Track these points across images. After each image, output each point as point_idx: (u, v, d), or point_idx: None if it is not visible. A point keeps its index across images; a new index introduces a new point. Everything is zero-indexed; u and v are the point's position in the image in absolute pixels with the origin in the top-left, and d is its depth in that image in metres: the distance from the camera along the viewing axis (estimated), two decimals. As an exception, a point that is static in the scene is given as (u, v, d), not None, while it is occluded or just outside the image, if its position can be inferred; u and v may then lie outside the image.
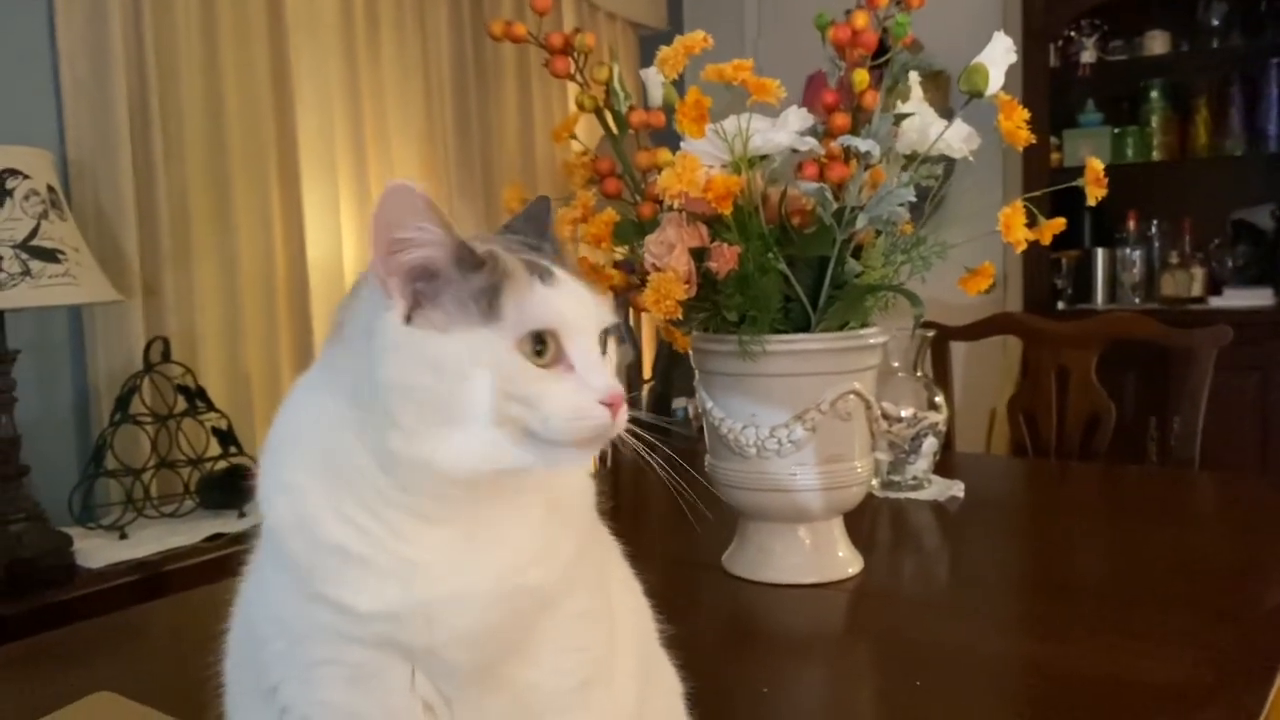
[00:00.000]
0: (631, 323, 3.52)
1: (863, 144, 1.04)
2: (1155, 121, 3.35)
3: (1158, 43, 3.29)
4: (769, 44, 4.07)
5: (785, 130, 1.08)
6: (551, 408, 0.54)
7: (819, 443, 1.17)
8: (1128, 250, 3.42)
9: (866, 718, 0.92)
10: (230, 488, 2.27)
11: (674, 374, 3.45)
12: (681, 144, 1.09)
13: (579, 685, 0.59)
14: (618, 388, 0.56)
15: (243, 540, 2.10)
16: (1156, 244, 3.44)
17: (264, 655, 0.58)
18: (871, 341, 1.18)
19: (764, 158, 1.10)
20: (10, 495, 1.94)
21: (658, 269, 1.10)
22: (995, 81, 1.07)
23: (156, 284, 2.40)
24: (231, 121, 2.57)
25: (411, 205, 0.54)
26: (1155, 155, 3.36)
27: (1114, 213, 3.43)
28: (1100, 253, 3.44)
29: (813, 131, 1.12)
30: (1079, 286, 3.49)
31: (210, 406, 2.30)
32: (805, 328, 1.16)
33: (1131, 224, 3.44)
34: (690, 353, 1.24)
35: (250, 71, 2.63)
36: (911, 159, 1.19)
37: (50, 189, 1.93)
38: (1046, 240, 1.21)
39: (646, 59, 4.08)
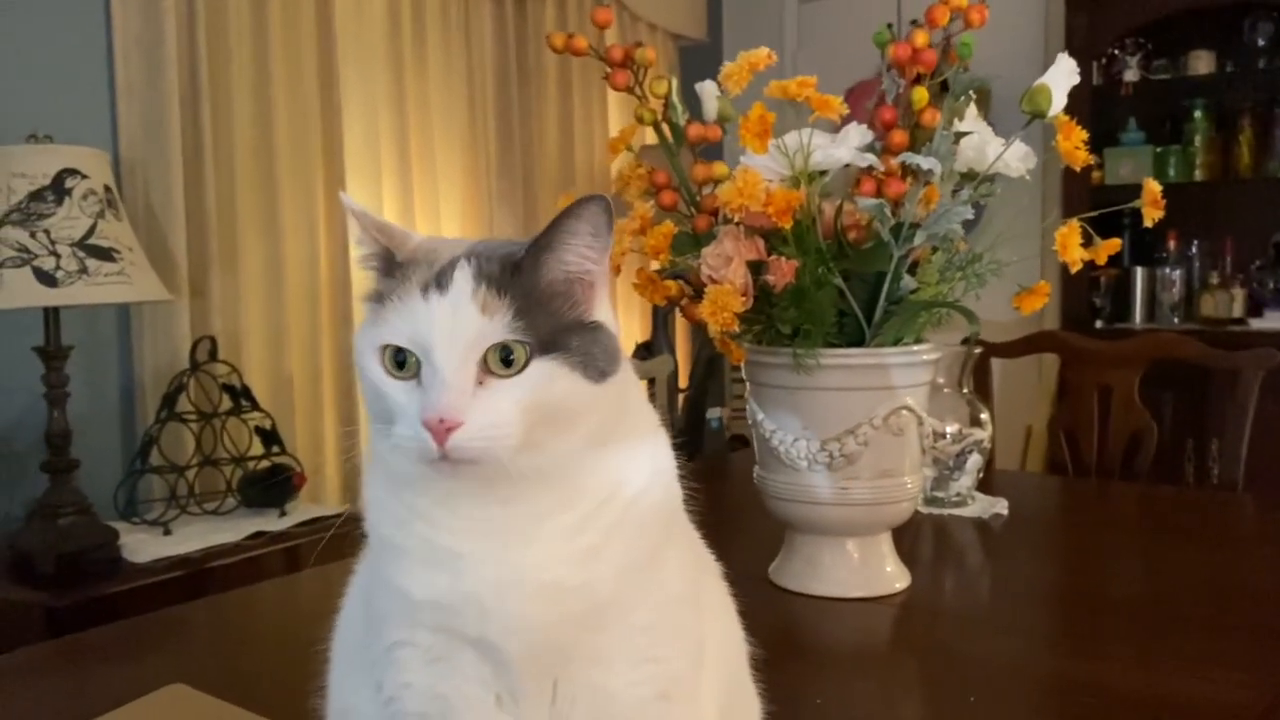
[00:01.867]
0: (669, 334, 3.54)
1: (925, 161, 1.05)
2: (1198, 141, 3.34)
3: (1202, 62, 3.27)
4: (807, 57, 4.08)
5: (845, 146, 1.09)
6: (394, 419, 0.57)
7: (870, 457, 1.17)
8: (1167, 270, 3.41)
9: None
10: (272, 487, 2.30)
11: (709, 384, 3.46)
12: (741, 158, 1.10)
13: (655, 697, 0.60)
14: (447, 411, 0.54)
15: (284, 539, 2.12)
16: (1197, 264, 3.42)
17: (366, 636, 0.63)
18: (925, 358, 1.19)
19: (823, 173, 1.11)
20: (60, 489, 1.98)
21: (714, 281, 1.11)
22: (1058, 103, 1.08)
23: (202, 284, 2.44)
24: (280, 126, 2.61)
25: (359, 218, 0.60)
26: (1197, 175, 3.35)
27: (1154, 232, 3.41)
28: (1140, 272, 3.42)
29: (870, 148, 1.13)
30: (1117, 305, 3.47)
31: (255, 406, 2.33)
32: (859, 342, 1.17)
33: (1172, 243, 3.42)
34: (742, 365, 1.25)
35: (299, 78, 2.67)
36: (967, 177, 1.20)
37: (107, 189, 1.97)
38: (1102, 260, 1.21)
39: (686, 70, 4.11)
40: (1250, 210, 3.39)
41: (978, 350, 1.62)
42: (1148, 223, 1.19)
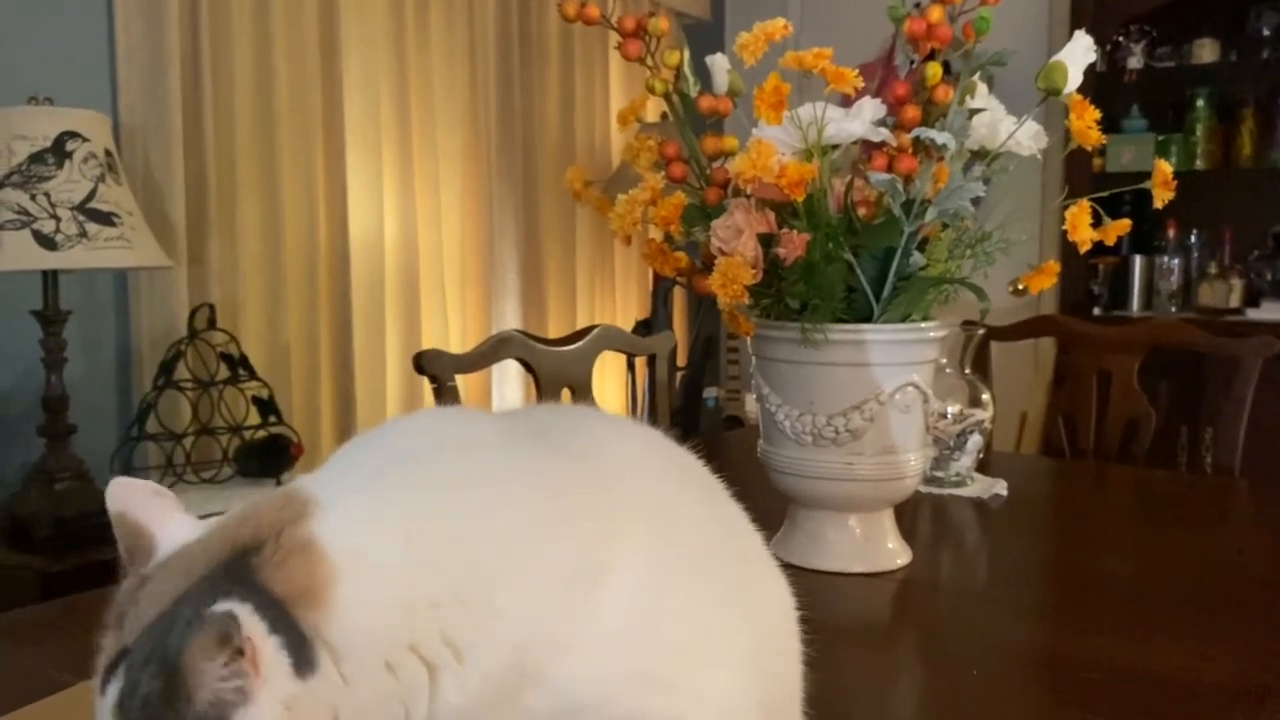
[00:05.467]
0: (669, 313, 3.53)
1: (940, 136, 1.04)
2: (1200, 130, 3.33)
3: (1206, 51, 3.27)
4: (810, 35, 4.06)
5: (859, 120, 1.08)
6: None
7: (875, 433, 1.18)
8: (1166, 258, 3.41)
9: (922, 705, 0.93)
10: (269, 457, 2.29)
11: (706, 364, 3.46)
12: (753, 130, 1.10)
13: None
14: None
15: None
16: (1195, 253, 3.43)
17: None
18: (932, 335, 1.19)
19: (835, 147, 1.11)
20: (57, 454, 1.97)
21: (724, 253, 1.11)
22: (1074, 80, 1.07)
23: (201, 252, 2.43)
24: (280, 97, 2.59)
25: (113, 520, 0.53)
26: (1198, 164, 3.35)
27: (1153, 220, 3.42)
28: (1138, 260, 3.43)
29: (882, 123, 1.13)
30: (1115, 293, 3.48)
31: (253, 375, 2.32)
32: (866, 319, 1.17)
33: (1171, 232, 3.42)
34: (749, 339, 1.25)
35: (300, 47, 2.65)
36: (978, 155, 1.20)
37: (108, 153, 1.95)
38: (1111, 241, 1.21)
39: (690, 49, 4.06)
40: (1250, 200, 3.39)
41: (981, 331, 1.62)
42: (1158, 204, 1.19)
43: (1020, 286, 3.67)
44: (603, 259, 3.67)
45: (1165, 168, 1.19)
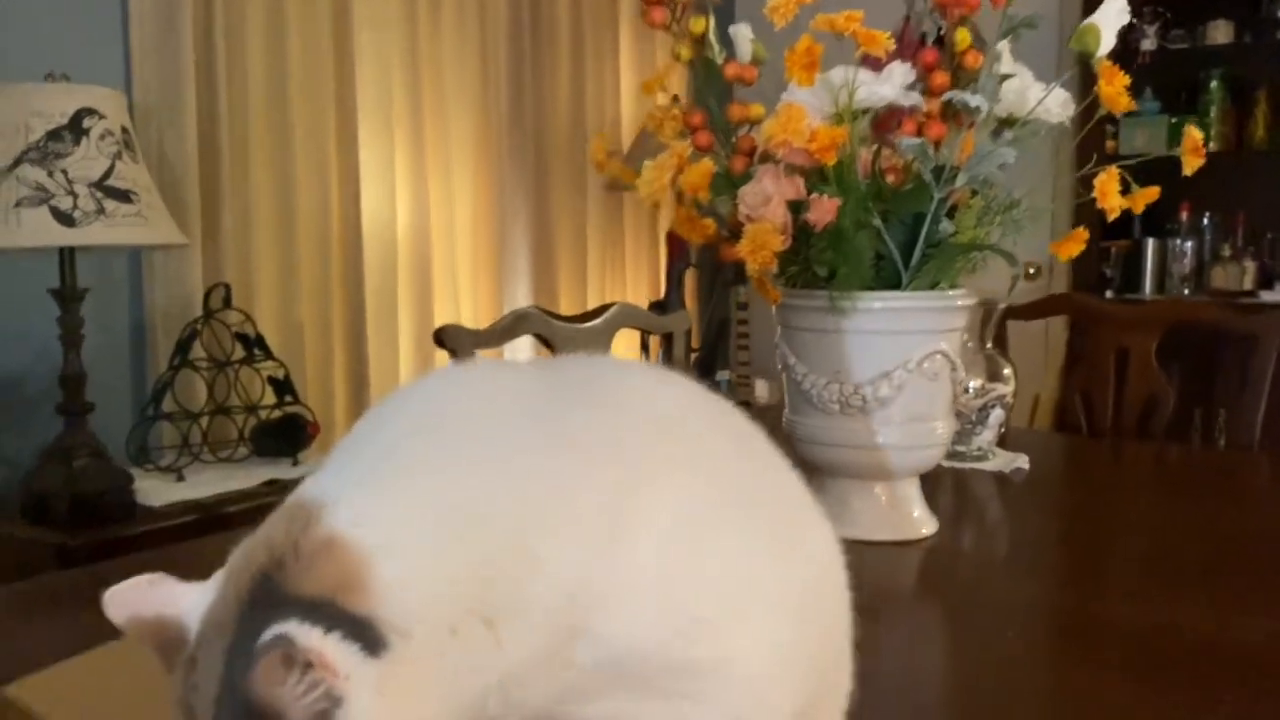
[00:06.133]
0: (681, 295, 3.53)
1: (973, 99, 1.04)
2: (1213, 112, 3.32)
3: (1220, 33, 3.26)
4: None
5: (890, 84, 1.08)
6: None
7: (903, 402, 1.17)
8: (1179, 241, 3.40)
9: (956, 666, 0.93)
10: (285, 436, 2.30)
11: (719, 347, 3.47)
12: (783, 94, 1.09)
13: None
14: None
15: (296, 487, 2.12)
16: (1208, 236, 3.42)
17: None
18: (960, 303, 1.18)
19: (865, 111, 1.10)
20: (75, 431, 1.97)
21: (752, 220, 1.11)
22: (1106, 43, 1.07)
23: (215, 232, 2.43)
24: (293, 78, 2.59)
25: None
26: (1212, 146, 3.34)
27: (1166, 203, 3.40)
28: (1151, 243, 3.42)
29: (911, 88, 1.12)
30: (1128, 276, 3.47)
31: (269, 355, 2.32)
32: (894, 286, 1.16)
33: (1184, 215, 3.41)
34: (774, 309, 1.24)
35: (313, 29, 2.65)
36: (1005, 122, 1.19)
37: (124, 130, 1.95)
38: (1139, 209, 1.21)
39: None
40: (1264, 183, 3.38)
41: (1003, 305, 1.61)
42: (1187, 171, 1.19)
43: (1031, 271, 3.67)
44: (614, 242, 3.66)
45: (1195, 134, 1.18)
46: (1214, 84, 3.31)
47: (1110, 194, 1.17)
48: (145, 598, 0.48)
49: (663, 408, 0.56)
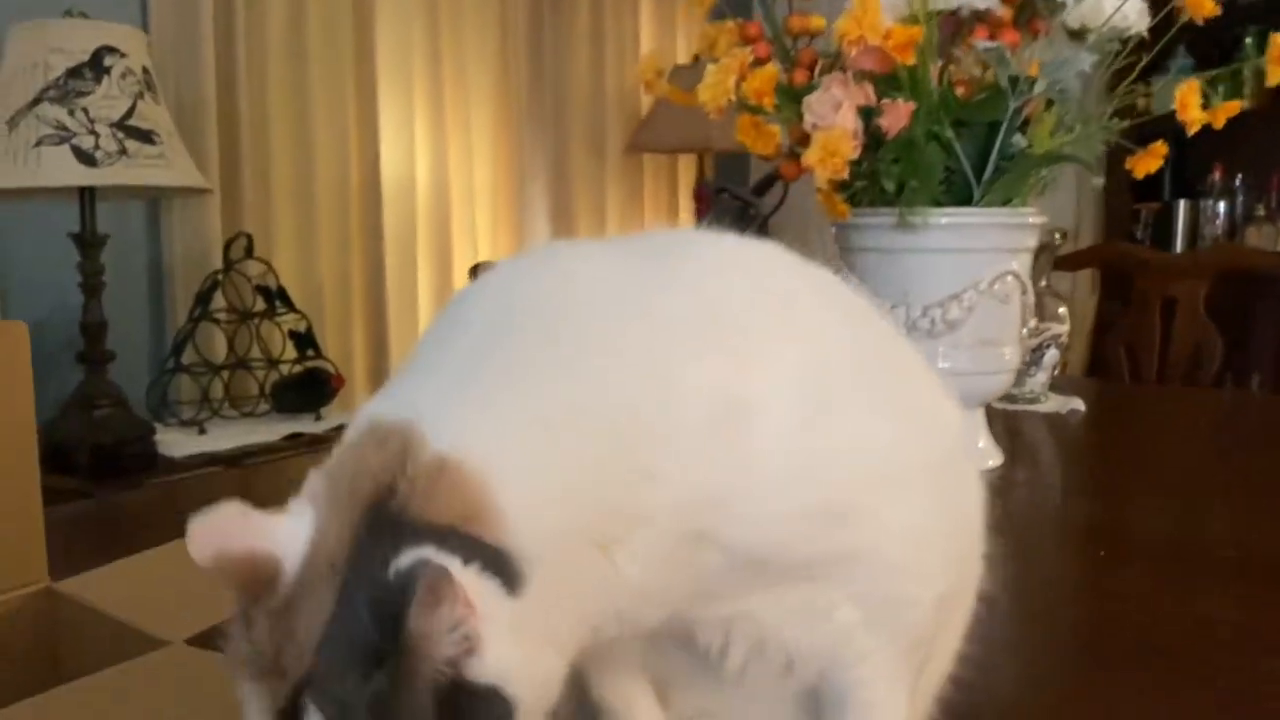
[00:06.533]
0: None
1: (1058, -7, 0.99)
2: (1247, 71, 3.25)
3: (1256, -13, 3.19)
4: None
5: (968, -17, 1.02)
6: None
7: (972, 325, 1.12)
8: (1210, 202, 3.34)
9: (1046, 586, 0.88)
10: (307, 390, 2.25)
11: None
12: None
13: None
14: None
15: (321, 441, 2.07)
16: (1240, 196, 3.35)
17: None
18: (1032, 220, 1.13)
19: (939, 12, 1.05)
20: (96, 380, 1.93)
21: (819, 129, 1.05)
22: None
23: (233, 183, 2.37)
24: (312, 31, 2.54)
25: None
26: (1245, 105, 3.27)
27: (1197, 164, 3.34)
28: (1182, 204, 3.36)
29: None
30: (1158, 239, 3.41)
31: (291, 307, 2.27)
32: (963, 203, 1.11)
33: (1217, 175, 3.35)
34: (834, 230, 1.19)
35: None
36: (1078, 33, 1.14)
37: (145, 70, 1.89)
38: (1219, 124, 1.16)
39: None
40: (1299, 143, 3.31)
41: (1060, 240, 1.56)
42: (1271, 81, 1.14)
43: (1059, 237, 3.61)
44: (633, 205, 3.61)
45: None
46: (1248, 41, 3.23)
47: (1191, 106, 1.12)
48: (234, 530, 0.41)
49: (763, 279, 0.49)
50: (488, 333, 0.44)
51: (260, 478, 1.88)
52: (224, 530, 0.41)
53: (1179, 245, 3.38)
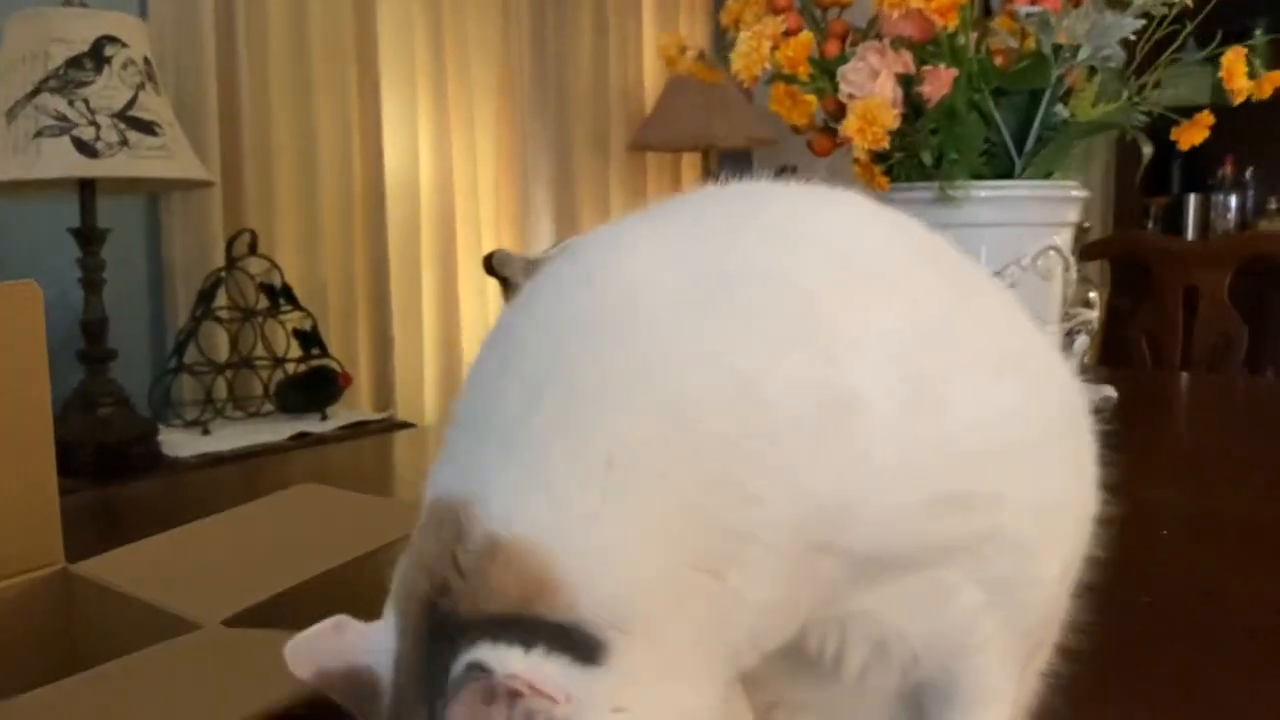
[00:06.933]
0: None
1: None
2: (1257, 63, 3.23)
3: (1265, -22, 3.16)
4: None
5: (1012, -56, 0.99)
6: None
7: (1014, 302, 1.08)
8: (1221, 195, 3.31)
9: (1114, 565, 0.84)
10: (313, 389, 2.20)
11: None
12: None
13: None
14: None
15: (328, 441, 2.02)
16: (1252, 190, 3.32)
17: None
18: (1074, 194, 1.09)
19: (982, -23, 1.01)
20: (98, 378, 1.88)
21: (856, 99, 1.01)
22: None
23: (235, 180, 2.33)
24: (314, 24, 2.49)
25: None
26: (1254, 97, 3.24)
27: (1207, 157, 3.31)
28: (1193, 199, 3.33)
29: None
30: (1169, 233, 3.38)
31: (295, 305, 2.23)
32: (1004, 176, 1.07)
33: (1228, 169, 3.32)
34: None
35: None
36: (1117, 3, 1.11)
37: (146, 60, 1.85)
38: (1266, 93, 1.12)
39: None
40: (1309, 134, 3.28)
41: (1089, 225, 1.52)
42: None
43: (1087, 224, 3.57)
44: (637, 204, 3.56)
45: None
46: (1258, 32, 3.21)
47: (1238, 74, 1.09)
48: (331, 646, 0.39)
49: (840, 243, 0.43)
50: (540, 371, 0.39)
51: (266, 476, 1.84)
52: (322, 647, 0.39)
53: (1190, 239, 3.35)
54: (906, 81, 1.01)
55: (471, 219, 2.95)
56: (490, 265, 1.52)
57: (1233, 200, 3.30)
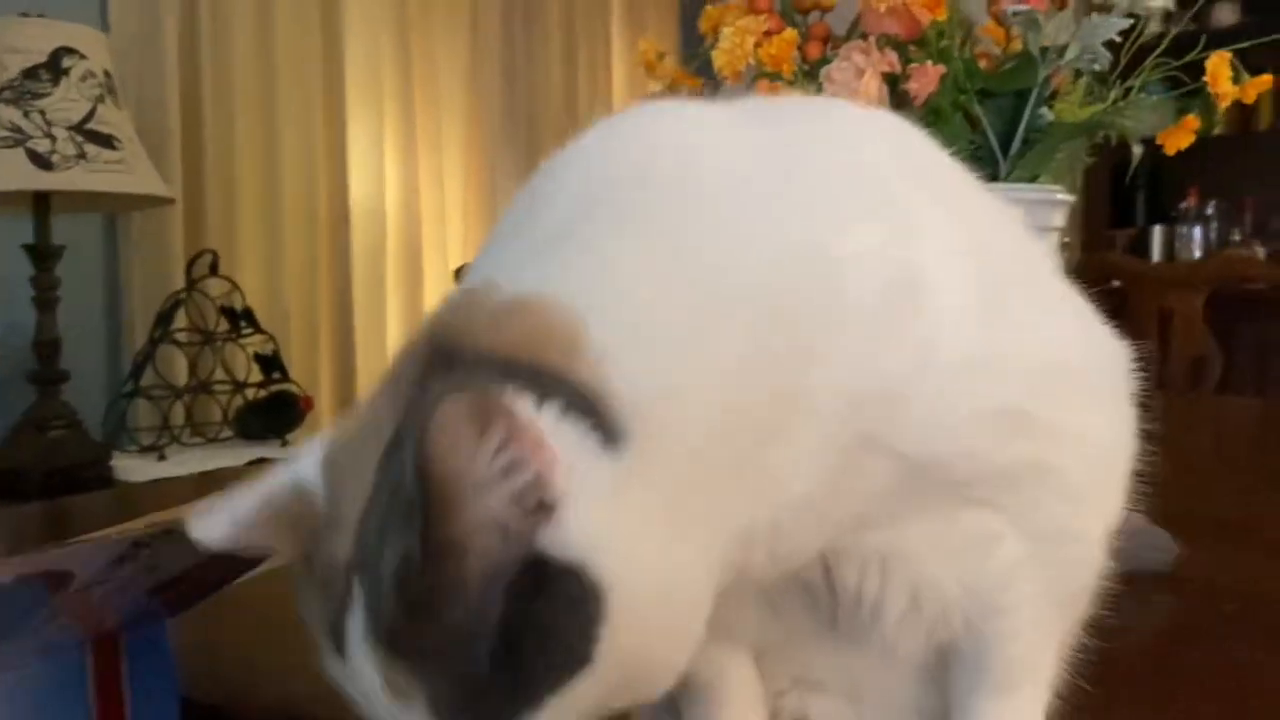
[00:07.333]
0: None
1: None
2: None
3: (1226, 13, 3.21)
4: None
5: (997, -60, 0.97)
6: None
7: (1000, 309, 1.06)
8: (1185, 228, 3.33)
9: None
10: (273, 415, 2.14)
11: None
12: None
13: None
14: None
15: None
16: (1215, 222, 3.35)
17: None
18: (1060, 197, 1.07)
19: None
20: (49, 401, 1.82)
21: (841, 99, 0.99)
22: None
23: (197, 201, 2.27)
24: (280, 41, 2.45)
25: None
26: (1217, 130, 3.28)
27: (1171, 189, 3.34)
28: (1157, 230, 3.35)
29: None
30: (1134, 264, 3.41)
31: (257, 328, 2.17)
32: (989, 180, 1.05)
33: (1191, 201, 3.34)
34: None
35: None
36: (1101, 8, 1.10)
37: (106, 73, 1.81)
38: (1251, 99, 1.11)
39: None
40: (1271, 167, 3.32)
41: (1067, 239, 1.51)
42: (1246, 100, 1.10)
43: (1067, 239, 3.58)
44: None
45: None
46: (1210, 64, 3.25)
47: (1222, 79, 1.07)
48: (238, 504, 0.35)
49: (914, 152, 0.42)
50: (584, 202, 0.36)
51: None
52: (223, 506, 0.35)
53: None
54: (892, 81, 0.99)
55: (438, 243, 2.91)
56: (460, 279, 1.48)
57: (1197, 232, 3.32)
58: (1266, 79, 1.10)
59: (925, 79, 0.94)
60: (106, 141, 1.74)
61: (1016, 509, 0.38)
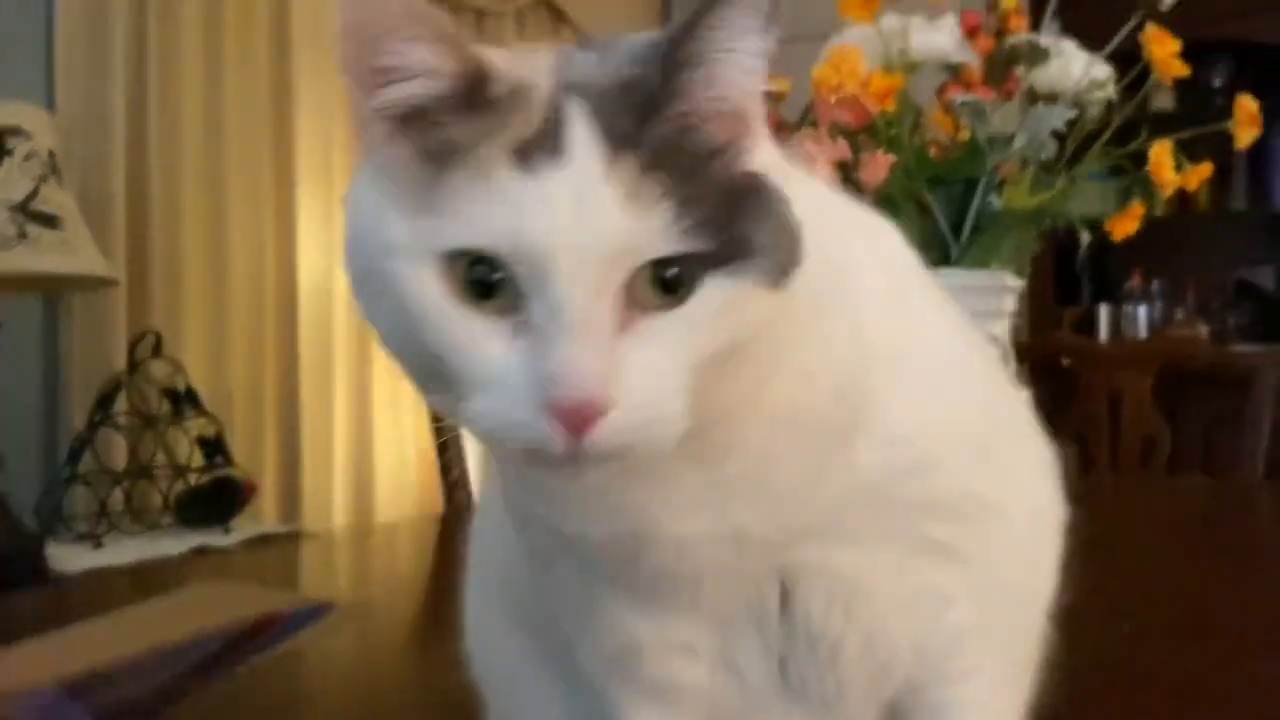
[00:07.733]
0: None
1: (1045, 38, 0.95)
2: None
3: (1164, 98, 3.30)
4: None
5: (945, 32, 0.98)
6: (474, 388, 0.34)
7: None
8: (1131, 307, 3.39)
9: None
10: (215, 501, 2.08)
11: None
12: (834, 36, 0.99)
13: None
14: (591, 386, 0.32)
15: (230, 555, 1.90)
16: (1159, 301, 3.41)
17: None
18: (1010, 283, 1.08)
19: (917, 64, 1.01)
20: (-21, 486, 1.75)
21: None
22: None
23: (141, 281, 2.23)
24: (229, 118, 2.44)
25: (396, 11, 0.36)
26: (1158, 212, 3.35)
27: (1116, 268, 3.41)
28: (1104, 309, 3.40)
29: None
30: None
31: (201, 411, 2.12)
32: (941, 266, 1.05)
33: (1136, 280, 3.41)
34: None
35: (251, 78, 2.50)
36: (1048, 97, 1.12)
37: (51, 154, 1.78)
38: (1193, 186, 1.14)
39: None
40: (1211, 247, 3.40)
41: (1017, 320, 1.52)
42: (1241, 144, 1.12)
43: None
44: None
45: (1249, 104, 1.12)
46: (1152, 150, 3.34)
47: (1165, 167, 1.10)
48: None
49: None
50: None
51: (160, 590, 1.71)
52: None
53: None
54: (843, 169, 0.99)
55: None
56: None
57: (1142, 311, 3.38)
58: (1206, 167, 1.12)
59: (876, 167, 0.94)
60: (49, 221, 1.71)
61: (969, 567, 0.43)
